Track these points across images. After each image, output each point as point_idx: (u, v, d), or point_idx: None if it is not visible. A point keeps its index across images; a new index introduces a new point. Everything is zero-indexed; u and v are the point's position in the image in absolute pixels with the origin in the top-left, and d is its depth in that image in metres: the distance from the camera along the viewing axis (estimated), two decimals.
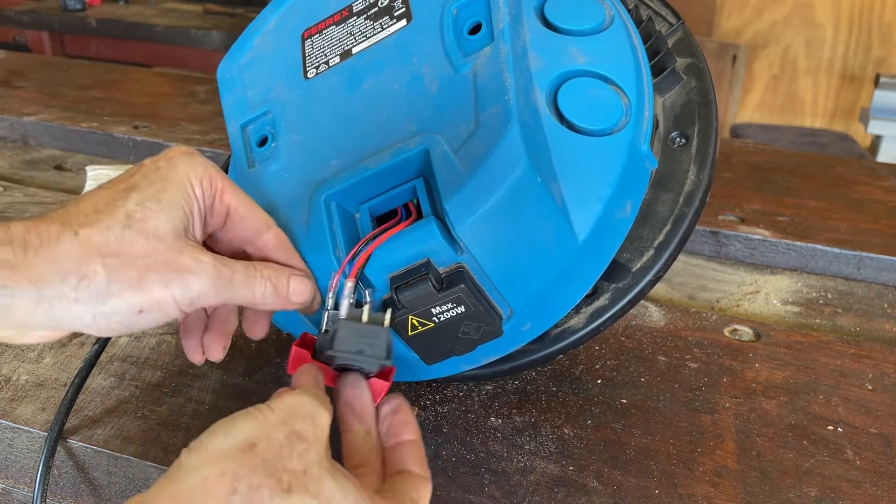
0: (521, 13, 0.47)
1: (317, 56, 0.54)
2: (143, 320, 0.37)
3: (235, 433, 0.33)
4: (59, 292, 0.35)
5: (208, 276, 0.38)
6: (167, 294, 0.37)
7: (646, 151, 0.45)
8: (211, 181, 0.41)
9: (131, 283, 0.36)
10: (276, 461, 0.32)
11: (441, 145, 0.44)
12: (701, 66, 0.53)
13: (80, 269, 0.35)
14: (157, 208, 0.38)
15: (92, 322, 0.36)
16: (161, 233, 0.38)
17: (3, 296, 0.34)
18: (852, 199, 0.89)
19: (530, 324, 0.46)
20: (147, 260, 0.37)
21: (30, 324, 0.36)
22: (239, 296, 0.39)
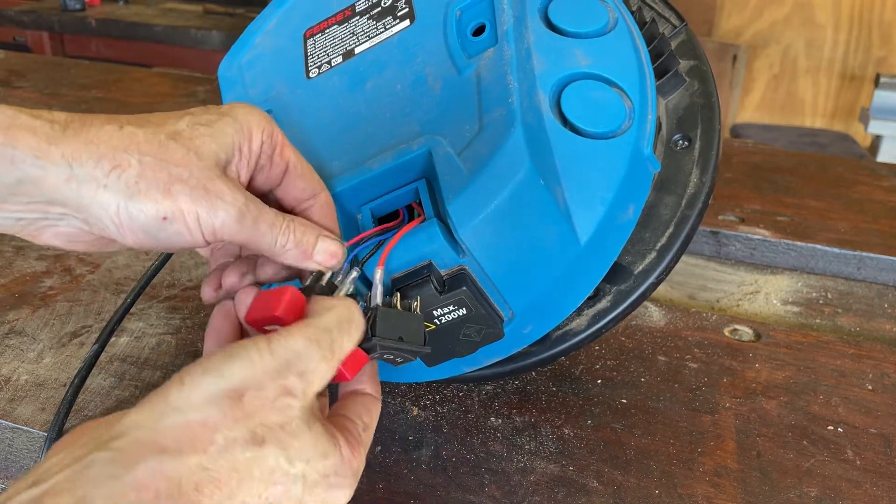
0: (525, 15, 0.47)
1: (319, 56, 0.54)
2: (165, 231, 0.36)
3: (229, 377, 0.32)
4: (90, 174, 0.35)
5: (236, 208, 0.37)
6: (192, 209, 0.36)
7: (648, 154, 0.45)
8: (272, 133, 0.41)
9: (160, 187, 0.36)
10: (257, 414, 0.32)
11: (444, 147, 0.44)
12: (704, 69, 0.53)
13: (116, 157, 0.35)
14: (206, 132, 0.38)
15: (115, 215, 0.35)
16: (203, 153, 0.38)
17: (35, 166, 0.34)
18: (852, 199, 0.89)
19: (531, 326, 0.46)
20: (181, 170, 0.36)
21: (58, 200, 0.35)
22: (262, 240, 0.38)
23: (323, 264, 0.40)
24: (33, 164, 0.34)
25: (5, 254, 0.73)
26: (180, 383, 0.32)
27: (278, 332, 0.34)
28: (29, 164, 0.34)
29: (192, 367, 0.32)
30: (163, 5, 2.67)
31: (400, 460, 0.49)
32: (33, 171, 0.34)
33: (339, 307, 0.37)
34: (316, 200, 0.43)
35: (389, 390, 0.56)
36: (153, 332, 0.62)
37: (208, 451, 0.30)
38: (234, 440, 0.31)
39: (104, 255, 0.73)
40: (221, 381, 0.32)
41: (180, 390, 0.31)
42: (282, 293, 0.37)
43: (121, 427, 0.30)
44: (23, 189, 0.35)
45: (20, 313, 0.64)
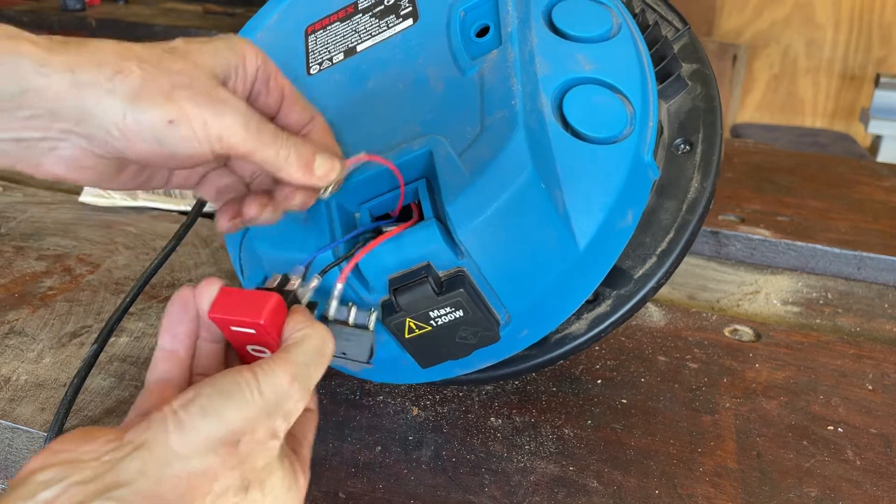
0: (530, 18, 0.47)
1: (320, 52, 0.54)
2: (174, 134, 0.36)
3: (226, 421, 0.32)
4: (94, 79, 0.35)
5: (241, 113, 0.37)
6: (198, 113, 0.36)
7: (649, 161, 0.45)
8: (265, 60, 0.41)
9: (164, 91, 0.36)
10: (249, 459, 0.32)
11: (445, 147, 0.44)
12: (707, 73, 0.53)
13: (117, 64, 0.35)
14: (202, 47, 0.39)
15: (121, 121, 0.35)
16: (201, 63, 0.38)
17: (38, 74, 0.34)
18: (852, 199, 0.89)
19: (528, 330, 0.46)
20: (182, 77, 0.36)
21: (61, 111, 0.35)
22: (266, 150, 0.38)
23: (324, 178, 0.40)
24: (36, 72, 0.34)
25: (5, 254, 0.73)
26: (180, 427, 0.31)
27: (262, 368, 0.34)
28: (32, 72, 0.34)
29: (190, 407, 0.32)
30: (163, 5, 2.67)
31: (400, 460, 0.49)
32: (36, 79, 0.34)
33: (315, 337, 0.36)
34: (313, 125, 0.43)
35: (389, 391, 0.56)
36: (153, 332, 0.62)
37: (206, 501, 0.31)
38: (227, 487, 0.32)
39: (104, 255, 0.73)
40: (221, 426, 0.32)
41: (180, 434, 0.31)
42: (265, 299, 0.36)
43: (124, 474, 0.30)
44: (26, 99, 0.34)
45: (20, 313, 0.64)
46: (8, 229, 0.78)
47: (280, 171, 0.39)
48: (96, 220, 0.81)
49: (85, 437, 0.31)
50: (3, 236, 0.76)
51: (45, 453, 0.31)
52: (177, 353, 0.38)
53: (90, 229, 0.78)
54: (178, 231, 0.55)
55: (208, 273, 0.70)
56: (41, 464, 0.30)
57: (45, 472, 0.30)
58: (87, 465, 0.30)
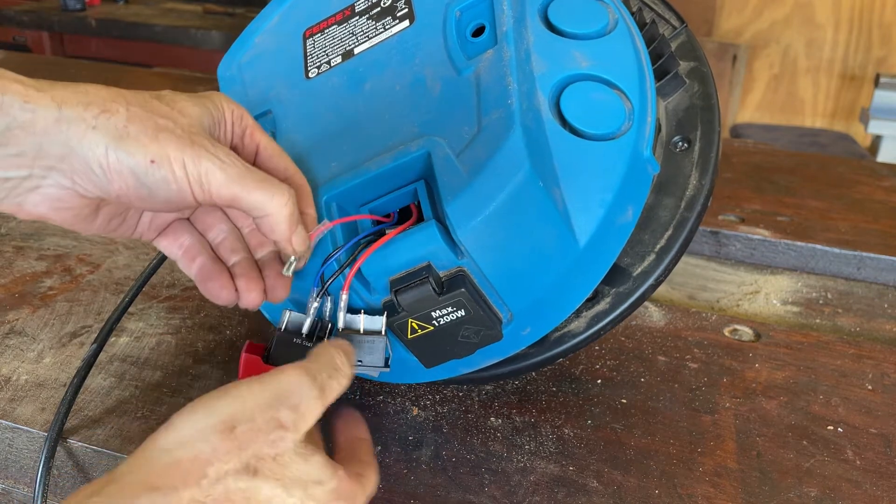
0: (525, 16, 0.47)
1: (318, 55, 0.54)
2: (154, 175, 0.36)
3: (217, 413, 0.33)
4: (80, 115, 0.36)
5: (220, 159, 0.38)
6: (179, 156, 0.37)
7: (648, 156, 0.45)
8: (241, 116, 0.42)
9: (148, 132, 0.36)
10: (249, 446, 0.32)
11: (443, 148, 0.44)
12: (704, 70, 0.53)
13: (104, 104, 0.36)
14: (186, 99, 0.40)
15: (103, 156, 0.36)
16: (187, 113, 0.39)
17: (24, 110, 0.35)
18: (852, 199, 0.89)
19: (530, 328, 0.46)
20: (167, 121, 0.37)
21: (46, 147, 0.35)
22: (251, 198, 0.39)
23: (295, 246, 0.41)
24: (22, 108, 0.35)
25: (5, 254, 0.73)
26: (168, 426, 0.32)
27: (270, 371, 0.35)
28: (17, 108, 0.35)
29: (181, 411, 0.33)
30: (163, 5, 2.67)
31: (400, 460, 0.49)
32: (22, 115, 0.35)
33: (326, 353, 0.38)
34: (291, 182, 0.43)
35: (389, 390, 0.56)
36: (153, 332, 0.62)
37: (201, 485, 0.31)
38: (226, 472, 0.32)
39: (104, 255, 0.73)
40: (211, 417, 0.32)
41: (168, 432, 0.32)
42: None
43: (114, 475, 0.31)
44: (11, 136, 0.35)
45: (20, 313, 0.64)
46: (8, 229, 0.78)
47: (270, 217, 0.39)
48: None
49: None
50: (3, 236, 0.76)
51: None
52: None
53: None
54: None
55: None
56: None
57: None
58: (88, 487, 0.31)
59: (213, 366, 0.58)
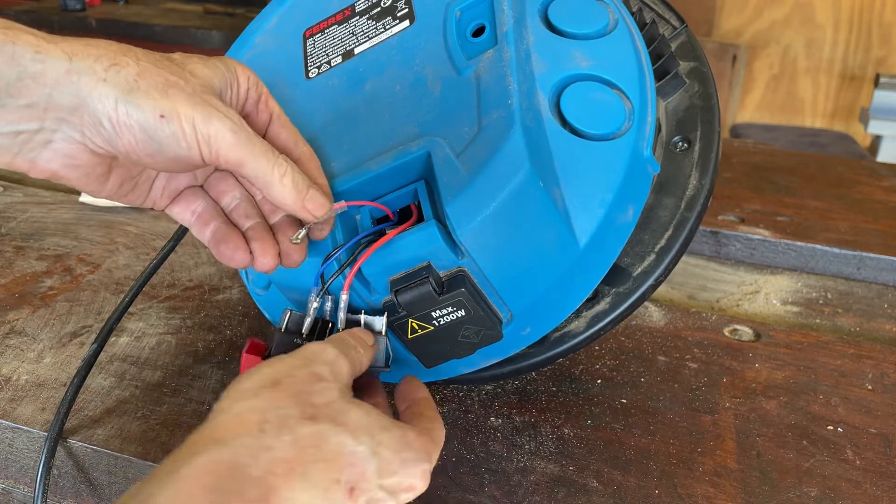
0: (525, 16, 0.47)
1: (318, 55, 0.54)
2: (163, 130, 0.36)
3: (259, 375, 0.35)
4: (90, 67, 0.35)
5: (231, 120, 0.38)
6: (188, 113, 0.36)
7: (648, 156, 0.45)
8: (257, 82, 0.42)
9: (158, 87, 0.36)
10: (299, 395, 0.34)
11: (443, 148, 0.44)
12: (704, 70, 0.53)
13: (115, 57, 0.36)
14: (199, 62, 0.40)
15: (113, 110, 0.36)
16: (199, 73, 0.39)
17: (35, 61, 0.35)
18: (852, 199, 0.89)
19: (530, 328, 0.46)
20: (178, 80, 0.37)
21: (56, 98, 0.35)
22: (258, 162, 0.38)
23: (312, 211, 0.41)
24: (33, 58, 0.35)
25: (5, 254, 0.73)
26: (220, 398, 0.34)
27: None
28: (29, 58, 0.35)
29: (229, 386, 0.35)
30: (163, 5, 2.67)
31: None
32: (33, 65, 0.35)
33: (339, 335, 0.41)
34: (299, 152, 0.43)
35: (389, 391, 0.56)
36: (153, 332, 0.62)
37: (265, 430, 0.32)
38: (286, 416, 0.33)
39: (104, 255, 0.73)
40: (255, 378, 0.35)
41: (220, 401, 0.34)
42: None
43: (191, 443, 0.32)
44: (23, 86, 0.35)
45: (20, 313, 0.64)
46: (8, 229, 0.78)
47: (272, 187, 0.39)
48: (96, 220, 0.81)
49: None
50: (3, 236, 0.76)
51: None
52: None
53: (90, 229, 0.79)
54: (178, 231, 0.55)
55: (208, 273, 0.70)
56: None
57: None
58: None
59: (213, 366, 0.58)
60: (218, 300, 0.66)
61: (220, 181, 0.45)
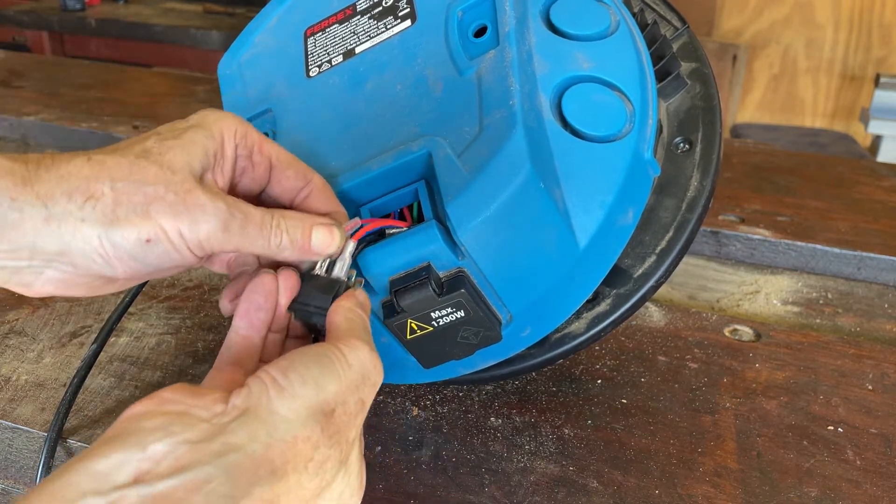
0: (527, 17, 0.47)
1: (319, 55, 0.54)
2: (153, 252, 0.36)
3: (323, 390, 0.33)
4: (65, 210, 0.34)
5: (218, 217, 0.36)
6: (174, 226, 0.35)
7: (649, 158, 0.45)
8: (245, 134, 0.40)
9: (138, 210, 0.35)
10: (343, 432, 0.33)
11: (444, 148, 0.44)
12: (706, 72, 0.53)
13: (88, 188, 0.35)
14: (175, 144, 0.37)
15: (100, 246, 0.35)
16: (176, 166, 0.37)
17: (12, 209, 0.34)
18: (852, 199, 0.89)
19: (530, 329, 0.46)
20: (157, 188, 0.36)
21: (40, 245, 0.35)
22: (254, 243, 0.38)
23: (323, 253, 0.40)
24: (10, 206, 0.34)
25: None
26: (281, 393, 0.32)
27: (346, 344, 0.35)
28: (6, 206, 0.34)
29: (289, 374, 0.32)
30: (163, 5, 2.67)
31: (400, 460, 0.49)
32: (11, 214, 0.34)
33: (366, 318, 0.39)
34: (311, 187, 0.42)
35: (389, 391, 0.56)
36: (153, 332, 0.62)
37: (308, 469, 0.31)
38: (327, 458, 0.32)
39: None
40: (319, 394, 0.32)
41: (282, 400, 0.31)
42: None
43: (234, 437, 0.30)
44: (3, 233, 0.34)
45: (20, 313, 0.64)
46: None
47: (276, 257, 0.40)
48: None
49: (192, 393, 0.32)
50: None
51: (150, 400, 0.31)
52: (251, 339, 0.39)
53: None
54: None
55: (208, 273, 0.70)
56: (147, 409, 0.30)
57: (151, 420, 0.30)
58: (196, 424, 0.30)
59: (212, 366, 0.57)
60: (218, 300, 0.66)
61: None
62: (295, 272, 0.41)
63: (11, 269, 0.36)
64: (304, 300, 0.40)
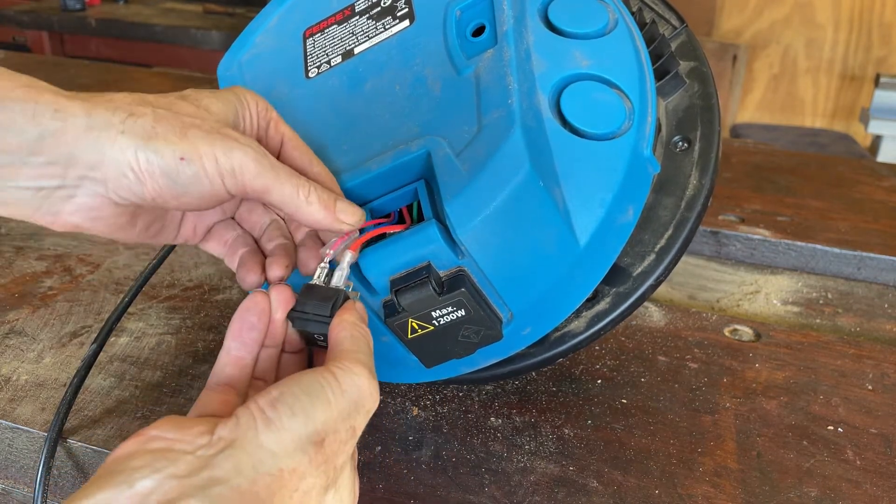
0: (525, 16, 0.47)
1: (318, 55, 0.54)
2: (185, 172, 0.37)
3: (313, 420, 0.32)
4: (107, 122, 0.36)
5: (252, 149, 0.38)
6: (210, 150, 0.37)
7: (648, 156, 0.45)
8: (266, 108, 0.42)
9: (176, 130, 0.37)
10: (332, 459, 0.33)
11: (443, 148, 0.44)
12: (704, 70, 0.53)
13: (131, 108, 0.37)
14: (211, 95, 0.40)
15: (134, 160, 0.36)
16: (212, 109, 0.39)
17: (55, 119, 0.35)
18: (852, 199, 0.89)
19: (530, 328, 0.46)
20: (194, 119, 0.38)
21: (77, 155, 0.36)
22: (283, 187, 0.39)
23: (346, 221, 0.41)
24: (53, 117, 0.35)
25: (5, 254, 0.73)
26: (269, 425, 0.32)
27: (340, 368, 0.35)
28: (49, 117, 0.35)
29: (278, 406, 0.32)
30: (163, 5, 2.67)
31: (400, 460, 0.49)
32: (53, 124, 0.35)
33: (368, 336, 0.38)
34: (317, 175, 0.43)
35: (389, 391, 0.56)
36: (153, 332, 0.62)
37: (293, 498, 0.31)
38: (313, 486, 0.32)
39: (104, 255, 0.73)
40: (308, 425, 0.32)
41: (270, 433, 0.31)
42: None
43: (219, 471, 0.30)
44: (43, 145, 0.35)
45: (20, 313, 0.64)
46: (8, 229, 0.78)
47: (300, 209, 0.40)
48: None
49: (176, 426, 0.32)
50: (3, 236, 0.76)
51: (136, 439, 0.31)
52: (243, 359, 0.39)
53: None
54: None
55: (208, 273, 0.70)
56: (133, 450, 0.31)
57: (137, 459, 0.30)
58: (181, 457, 0.30)
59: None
60: (218, 300, 0.66)
61: (249, 213, 0.46)
62: (288, 286, 0.41)
63: (44, 192, 0.36)
64: (303, 308, 0.40)
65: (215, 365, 0.39)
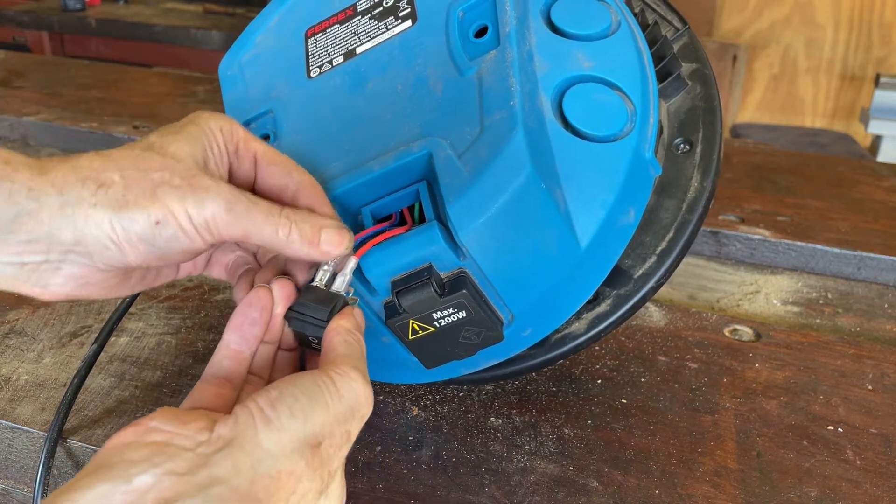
0: (528, 17, 0.47)
1: (320, 55, 0.54)
2: (162, 234, 0.36)
3: (311, 423, 0.33)
4: (79, 196, 0.36)
5: (223, 198, 0.37)
6: (181, 207, 0.36)
7: (650, 158, 0.45)
8: (231, 130, 0.42)
9: (146, 194, 0.36)
10: (327, 463, 0.33)
11: (445, 149, 0.44)
12: (706, 72, 0.53)
13: (99, 177, 0.36)
14: (176, 138, 0.39)
15: (111, 230, 0.36)
16: (180, 155, 0.39)
17: (30, 199, 0.35)
18: (852, 199, 0.89)
19: (531, 329, 0.46)
20: (163, 174, 0.37)
21: (55, 234, 0.35)
22: (261, 230, 0.38)
23: (332, 252, 0.40)
24: (27, 196, 0.35)
25: None
26: (268, 425, 0.32)
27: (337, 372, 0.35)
28: (24, 196, 0.35)
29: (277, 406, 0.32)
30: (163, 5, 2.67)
31: (400, 460, 0.49)
32: (28, 204, 0.35)
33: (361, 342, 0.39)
34: (297, 185, 0.43)
35: (389, 391, 0.56)
36: (153, 332, 0.62)
37: (289, 501, 0.32)
38: (308, 489, 0.32)
39: None
40: (306, 427, 0.32)
41: (269, 433, 0.32)
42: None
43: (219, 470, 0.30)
44: (21, 224, 0.35)
45: (20, 313, 0.64)
46: None
47: (284, 249, 0.40)
48: None
49: (176, 420, 0.32)
50: None
51: (133, 429, 0.31)
52: (242, 353, 0.39)
53: None
54: None
55: None
56: (130, 440, 0.30)
57: (135, 451, 0.30)
58: (180, 454, 0.30)
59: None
60: (218, 300, 0.66)
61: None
62: (290, 281, 0.41)
63: (30, 266, 0.36)
64: (301, 310, 0.40)
65: (213, 357, 0.39)
